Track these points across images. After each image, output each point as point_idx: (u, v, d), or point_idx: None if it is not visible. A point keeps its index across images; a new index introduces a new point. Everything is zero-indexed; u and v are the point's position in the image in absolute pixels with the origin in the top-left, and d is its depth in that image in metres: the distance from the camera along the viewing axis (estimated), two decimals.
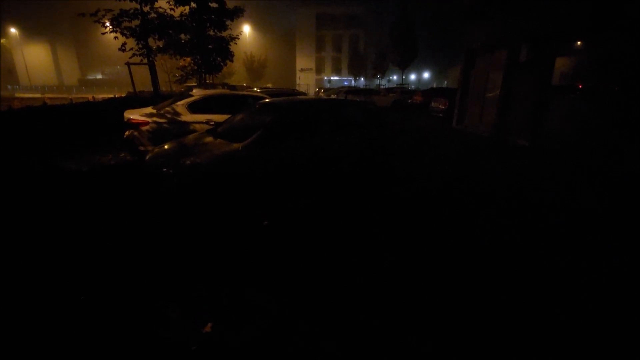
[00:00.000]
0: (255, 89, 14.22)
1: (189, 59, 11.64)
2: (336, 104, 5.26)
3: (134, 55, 8.74)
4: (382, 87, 33.72)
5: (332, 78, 50.77)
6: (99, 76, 55.53)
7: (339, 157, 4.64)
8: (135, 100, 9.09)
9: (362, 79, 47.03)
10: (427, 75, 56.69)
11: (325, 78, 50.98)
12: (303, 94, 14.67)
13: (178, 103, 5.75)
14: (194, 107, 5.73)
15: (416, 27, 34.68)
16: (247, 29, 43.26)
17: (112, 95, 15.45)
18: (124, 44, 8.42)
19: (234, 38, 11.51)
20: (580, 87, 7.20)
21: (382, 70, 41.66)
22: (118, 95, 16.33)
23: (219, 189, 3.62)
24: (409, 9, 34.96)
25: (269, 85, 31.50)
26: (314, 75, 50.38)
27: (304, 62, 50.27)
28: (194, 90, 7.19)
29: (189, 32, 10.49)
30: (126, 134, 5.59)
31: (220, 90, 8.72)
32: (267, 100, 5.01)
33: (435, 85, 40.20)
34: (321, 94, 22.41)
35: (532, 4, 7.94)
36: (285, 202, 4.03)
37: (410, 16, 34.38)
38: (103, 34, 8.54)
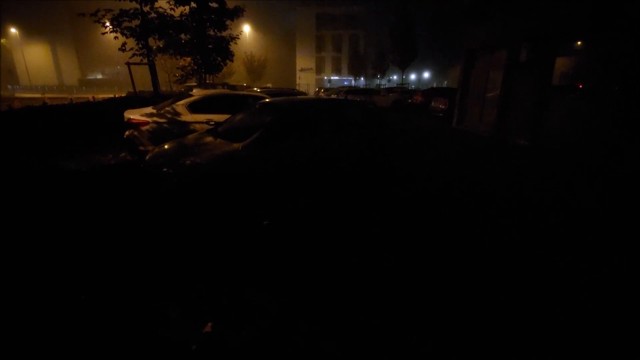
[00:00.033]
0: (255, 88, 14.21)
1: (189, 59, 11.64)
2: (336, 104, 5.26)
3: (134, 55, 8.75)
4: (382, 87, 33.70)
5: (332, 78, 50.80)
6: (99, 76, 55.50)
7: (339, 157, 4.64)
8: (135, 100, 9.09)
9: (362, 79, 47.06)
10: (427, 75, 56.73)
11: (325, 78, 51.00)
12: (303, 93, 14.67)
13: (178, 103, 5.75)
14: (194, 107, 5.73)
15: (416, 27, 34.74)
16: (247, 29, 43.27)
17: (112, 95, 15.44)
18: (124, 44, 8.43)
19: (234, 38, 11.51)
20: (580, 87, 7.19)
21: (382, 70, 41.72)
22: (118, 95, 16.32)
23: (219, 189, 3.62)
24: (409, 9, 35.04)
25: (269, 85, 31.50)
26: (314, 75, 50.44)
27: (304, 62, 50.29)
28: (194, 90, 7.19)
29: (189, 32, 10.49)
30: (126, 134, 5.59)
31: (220, 90, 8.71)
32: (267, 100, 5.01)
33: (435, 85, 40.22)
34: (321, 94, 22.41)
35: (532, 4, 7.94)
36: (285, 202, 4.03)
37: (410, 16, 34.42)
38: (103, 34, 8.54)
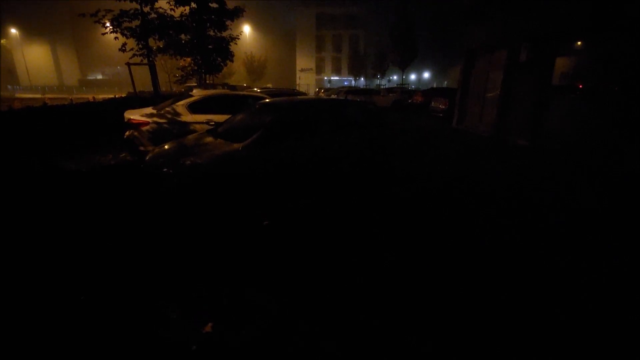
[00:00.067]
0: (255, 89, 14.23)
1: (189, 59, 11.65)
2: (336, 104, 5.26)
3: (134, 55, 8.75)
4: (382, 87, 33.71)
5: (332, 78, 50.79)
6: (99, 76, 55.47)
7: (339, 157, 4.64)
8: (135, 101, 9.09)
9: (362, 79, 47.05)
10: (427, 75, 56.72)
11: (325, 78, 50.99)
12: (303, 94, 14.67)
13: (178, 103, 5.75)
14: (194, 108, 5.73)
15: (416, 27, 34.73)
16: (247, 29, 43.26)
17: (112, 96, 15.45)
18: (124, 44, 8.43)
19: (234, 38, 11.52)
20: (580, 87, 7.19)
21: (382, 70, 41.69)
22: (118, 96, 16.33)
23: (219, 189, 3.62)
24: (409, 9, 35.03)
25: (269, 85, 31.53)
26: (314, 75, 50.43)
27: (304, 62, 50.29)
28: (194, 90, 7.19)
29: (189, 32, 10.49)
30: (126, 134, 5.59)
31: (220, 91, 8.72)
32: (267, 100, 5.01)
33: (435, 85, 40.29)
34: (321, 94, 22.41)
35: (532, 4, 7.94)
36: (285, 202, 4.03)
37: (410, 16, 34.42)
38: (103, 34, 8.54)
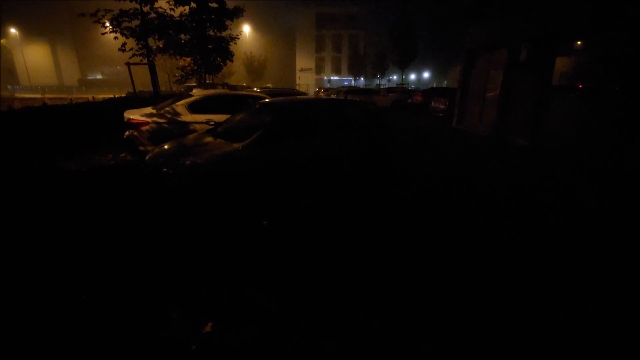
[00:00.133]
0: (255, 89, 14.22)
1: (189, 59, 11.64)
2: (336, 104, 5.26)
3: (134, 55, 8.74)
4: (382, 87, 33.71)
5: (332, 78, 50.76)
6: (99, 76, 55.42)
7: (339, 157, 4.64)
8: (135, 100, 9.08)
9: (362, 78, 47.02)
10: (427, 75, 56.71)
11: (325, 78, 50.97)
12: (303, 94, 14.67)
13: (178, 103, 5.75)
14: (193, 107, 5.73)
15: (416, 27, 34.73)
16: (247, 29, 43.22)
17: (112, 96, 15.43)
18: (123, 44, 8.42)
19: (234, 38, 11.51)
20: (580, 87, 7.19)
21: (382, 70, 41.68)
22: (118, 96, 16.31)
23: (219, 189, 3.62)
24: (409, 9, 35.08)
25: (269, 85, 31.49)
26: (314, 75, 50.41)
27: (303, 62, 50.28)
28: (194, 90, 7.20)
29: (188, 32, 10.48)
30: (126, 134, 5.59)
31: (220, 91, 8.73)
32: (267, 100, 5.01)
33: (435, 85, 40.19)
34: (321, 94, 22.40)
35: (532, 4, 7.94)
36: (285, 202, 4.03)
37: (410, 16, 34.43)
38: (103, 34, 8.53)
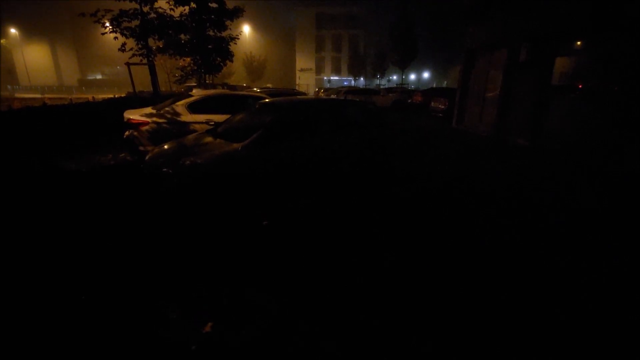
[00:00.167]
0: (255, 89, 14.22)
1: (188, 59, 11.63)
2: (336, 104, 5.26)
3: (133, 55, 8.74)
4: (381, 87, 33.71)
5: (332, 78, 50.73)
6: (99, 76, 55.40)
7: (339, 157, 4.64)
8: (135, 101, 9.08)
9: (362, 79, 47.01)
10: (427, 75, 56.72)
11: (325, 78, 50.94)
12: (303, 94, 14.67)
13: (178, 103, 5.75)
14: (193, 107, 5.73)
15: (416, 27, 34.72)
16: (247, 29, 43.22)
17: (112, 96, 15.43)
18: (123, 44, 8.41)
19: (234, 38, 11.50)
20: (580, 87, 7.19)
21: (382, 70, 41.66)
22: (118, 96, 16.31)
23: (219, 189, 3.62)
24: (409, 9, 35.03)
25: (269, 85, 31.48)
26: (314, 75, 50.38)
27: (303, 62, 50.26)
28: (193, 90, 7.19)
29: (188, 32, 10.47)
30: (126, 134, 5.59)
31: (220, 91, 8.72)
32: (267, 100, 5.01)
33: (435, 85, 40.22)
34: (321, 94, 22.40)
35: (532, 4, 7.94)
36: (285, 202, 4.03)
37: (410, 16, 34.40)
38: (103, 34, 8.53)
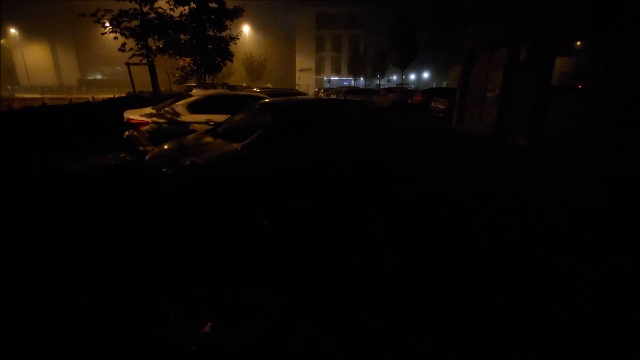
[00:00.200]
0: (255, 89, 14.22)
1: (188, 59, 11.63)
2: (336, 104, 5.26)
3: (133, 55, 8.73)
4: (381, 87, 33.71)
5: (331, 78, 50.72)
6: (99, 76, 55.34)
7: (339, 157, 4.64)
8: (135, 101, 9.08)
9: (361, 79, 47.00)
10: (427, 75, 56.71)
11: (325, 78, 50.93)
12: (303, 94, 14.66)
13: (178, 103, 5.75)
14: (193, 107, 5.73)
15: (416, 27, 34.71)
16: (246, 29, 43.22)
17: (112, 96, 15.43)
18: (123, 44, 8.41)
19: (234, 38, 11.50)
20: (580, 87, 7.19)
21: (382, 70, 41.65)
22: (118, 96, 16.30)
23: (219, 189, 3.62)
24: (409, 9, 35.04)
25: (269, 85, 31.49)
26: (314, 75, 50.37)
27: (303, 62, 50.25)
28: (193, 90, 7.19)
29: (188, 32, 10.47)
30: (126, 134, 5.59)
31: (219, 91, 8.73)
32: (267, 100, 5.01)
33: (435, 85, 40.25)
34: (321, 94, 22.40)
35: (532, 4, 7.94)
36: (285, 202, 4.02)
37: (410, 16, 34.41)
38: (103, 34, 8.52)
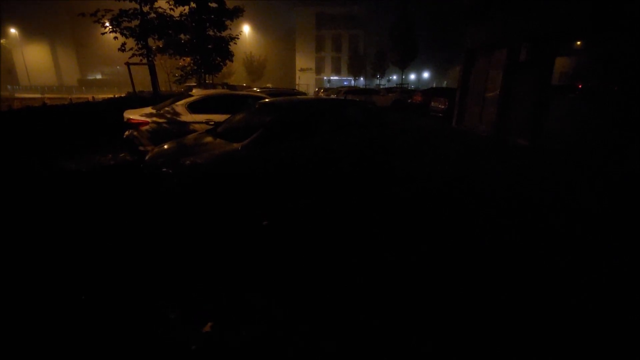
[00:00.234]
0: (254, 88, 14.21)
1: (188, 59, 11.63)
2: (336, 104, 5.26)
3: (133, 55, 8.73)
4: (381, 86, 33.71)
5: (332, 78, 50.71)
6: (99, 76, 55.33)
7: (339, 157, 4.64)
8: (135, 100, 9.08)
9: (361, 78, 46.99)
10: (427, 75, 56.71)
11: (325, 78, 50.92)
12: (303, 94, 14.65)
13: (178, 103, 5.75)
14: (193, 107, 5.73)
15: (416, 27, 34.72)
16: (246, 29, 43.19)
17: (112, 96, 15.43)
18: (123, 44, 8.41)
19: (234, 38, 11.50)
20: (580, 87, 7.19)
21: (382, 70, 41.66)
22: (118, 96, 16.31)
23: (219, 189, 3.62)
24: (409, 9, 35.06)
25: (269, 85, 31.46)
26: (314, 75, 50.36)
27: (303, 62, 50.25)
28: (193, 90, 7.20)
29: (188, 32, 10.48)
30: (126, 134, 5.59)
31: (220, 90, 8.72)
32: (267, 100, 5.01)
33: (435, 85, 40.18)
34: (321, 94, 22.39)
35: (532, 4, 7.94)
36: (285, 202, 4.02)
37: (410, 16, 34.42)
38: (103, 34, 8.52)
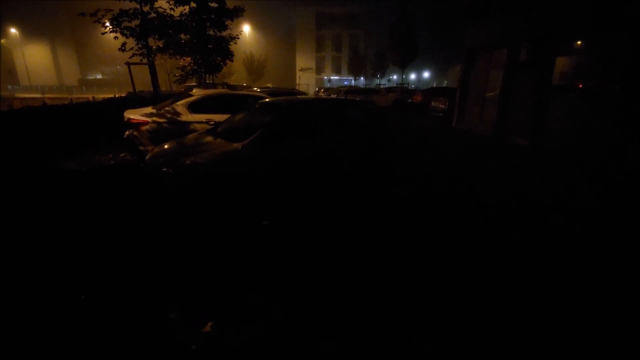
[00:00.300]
0: (255, 88, 14.20)
1: (188, 59, 11.63)
2: (336, 103, 5.26)
3: (133, 55, 8.74)
4: (382, 86, 33.68)
5: (332, 78, 50.73)
6: (99, 76, 55.32)
7: (339, 157, 4.64)
8: (135, 100, 9.09)
9: (362, 78, 47.00)
10: (427, 74, 56.72)
11: (325, 78, 50.94)
12: (303, 93, 14.64)
13: (178, 103, 5.75)
14: (194, 107, 5.73)
15: (416, 27, 34.72)
16: (247, 29, 43.16)
17: (112, 95, 15.44)
18: (123, 44, 8.42)
19: (234, 38, 11.51)
20: (580, 87, 7.19)
21: (382, 70, 41.66)
22: (118, 96, 16.31)
23: (219, 189, 3.62)
24: (409, 9, 35.06)
25: (269, 85, 31.40)
26: (314, 75, 50.39)
27: (303, 61, 50.26)
28: (194, 90, 7.19)
29: (188, 32, 10.49)
30: (126, 134, 5.59)
31: (220, 90, 8.71)
32: (267, 100, 5.01)
33: (435, 85, 40.20)
34: (321, 94, 22.39)
35: (532, 4, 7.93)
36: (285, 202, 4.03)
37: (410, 16, 34.43)
38: (103, 34, 8.53)
